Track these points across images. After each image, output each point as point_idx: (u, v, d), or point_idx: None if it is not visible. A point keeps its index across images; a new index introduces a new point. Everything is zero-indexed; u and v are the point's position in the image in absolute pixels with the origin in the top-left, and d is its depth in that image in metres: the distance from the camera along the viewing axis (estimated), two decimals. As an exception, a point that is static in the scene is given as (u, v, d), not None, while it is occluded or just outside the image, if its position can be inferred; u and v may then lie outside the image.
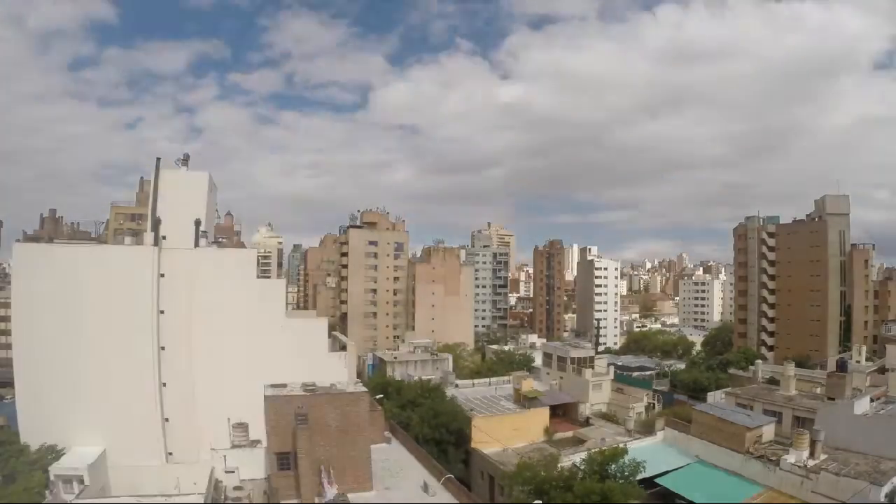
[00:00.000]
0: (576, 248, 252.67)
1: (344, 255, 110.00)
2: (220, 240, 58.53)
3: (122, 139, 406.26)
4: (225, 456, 26.99)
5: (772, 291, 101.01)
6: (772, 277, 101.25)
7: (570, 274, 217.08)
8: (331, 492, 21.48)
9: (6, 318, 44.41)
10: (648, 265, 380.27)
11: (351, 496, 22.02)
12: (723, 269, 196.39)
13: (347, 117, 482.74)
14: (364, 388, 26.61)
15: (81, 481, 31.47)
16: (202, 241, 40.92)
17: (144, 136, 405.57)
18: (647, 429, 49.00)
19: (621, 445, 36.69)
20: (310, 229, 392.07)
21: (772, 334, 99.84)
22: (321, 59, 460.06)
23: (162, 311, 37.54)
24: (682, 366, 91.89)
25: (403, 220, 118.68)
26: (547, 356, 68.33)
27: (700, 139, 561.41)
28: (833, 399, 43.32)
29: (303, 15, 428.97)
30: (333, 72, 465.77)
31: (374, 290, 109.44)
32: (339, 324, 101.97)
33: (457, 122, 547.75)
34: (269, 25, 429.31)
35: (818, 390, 47.02)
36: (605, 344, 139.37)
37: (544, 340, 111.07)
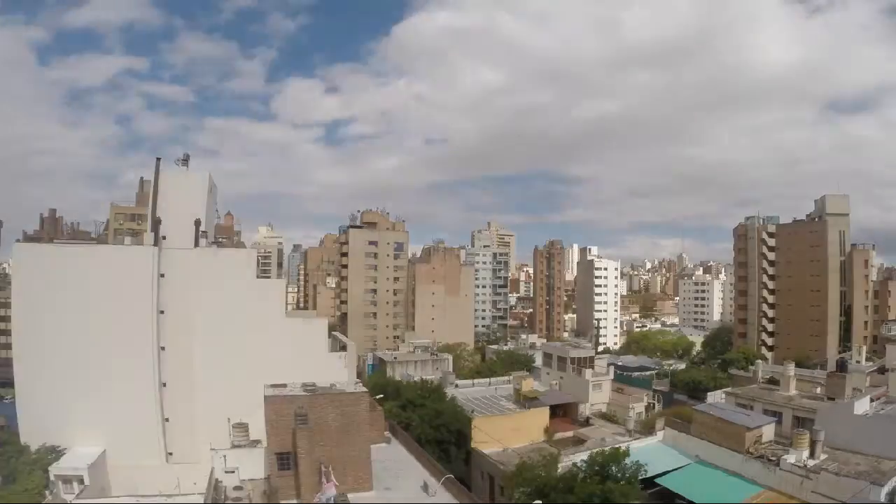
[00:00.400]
0: (576, 248, 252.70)
1: (344, 255, 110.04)
2: (220, 240, 58.48)
3: (80, 149, 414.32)
4: (225, 456, 26.95)
5: (772, 291, 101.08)
6: (772, 277, 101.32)
7: (571, 274, 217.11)
8: (330, 492, 21.48)
9: (6, 318, 44.49)
10: (648, 265, 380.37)
11: (351, 496, 22.01)
12: (723, 269, 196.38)
13: (266, 124, 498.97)
14: (364, 388, 26.60)
15: (81, 481, 31.50)
16: (202, 241, 40.90)
17: (100, 145, 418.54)
18: (647, 429, 48.99)
19: (622, 446, 36.68)
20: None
21: (772, 334, 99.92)
22: (223, 75, 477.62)
23: (162, 311, 37.53)
24: (682, 366, 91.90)
25: (403, 221, 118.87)
26: (547, 356, 68.32)
27: (622, 94, 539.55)
28: (833, 399, 43.31)
29: (199, 39, 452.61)
30: (239, 84, 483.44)
31: (374, 290, 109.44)
32: (339, 324, 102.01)
33: (356, 122, 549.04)
34: (171, 48, 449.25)
35: (818, 390, 47.01)
36: (605, 344, 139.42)
37: (544, 340, 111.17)
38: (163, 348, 37.45)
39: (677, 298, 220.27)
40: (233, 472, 26.15)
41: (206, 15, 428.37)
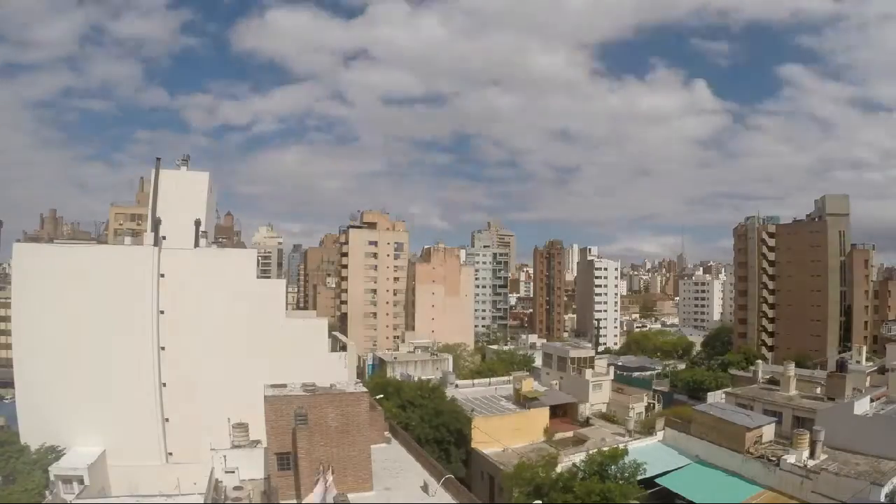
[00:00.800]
0: (576, 248, 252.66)
1: (344, 255, 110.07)
2: (220, 240, 58.58)
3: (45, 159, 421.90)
4: (225, 456, 26.94)
5: (772, 291, 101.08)
6: (772, 277, 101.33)
7: (571, 274, 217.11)
8: (330, 492, 21.49)
9: (6, 318, 44.50)
10: (648, 265, 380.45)
11: (351, 496, 21.95)
12: (723, 269, 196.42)
13: (185, 135, 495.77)
14: (364, 388, 26.56)
15: (81, 481, 31.53)
16: (202, 241, 40.96)
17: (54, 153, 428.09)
18: (647, 429, 49.02)
19: (621, 446, 36.70)
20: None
21: (772, 334, 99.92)
22: (137, 91, 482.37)
23: (162, 311, 37.56)
24: (682, 366, 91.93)
25: (403, 221, 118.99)
26: (547, 356, 68.33)
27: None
28: (833, 399, 43.30)
29: (115, 59, 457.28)
30: (151, 100, 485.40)
31: (374, 290, 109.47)
32: (338, 324, 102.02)
33: (259, 125, 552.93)
34: (93, 69, 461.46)
35: (818, 390, 46.99)
36: (605, 344, 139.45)
37: (544, 340, 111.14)
38: (163, 348, 37.47)
39: (677, 298, 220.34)
40: (233, 472, 26.14)
41: (113, 44, 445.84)
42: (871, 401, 42.53)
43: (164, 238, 38.81)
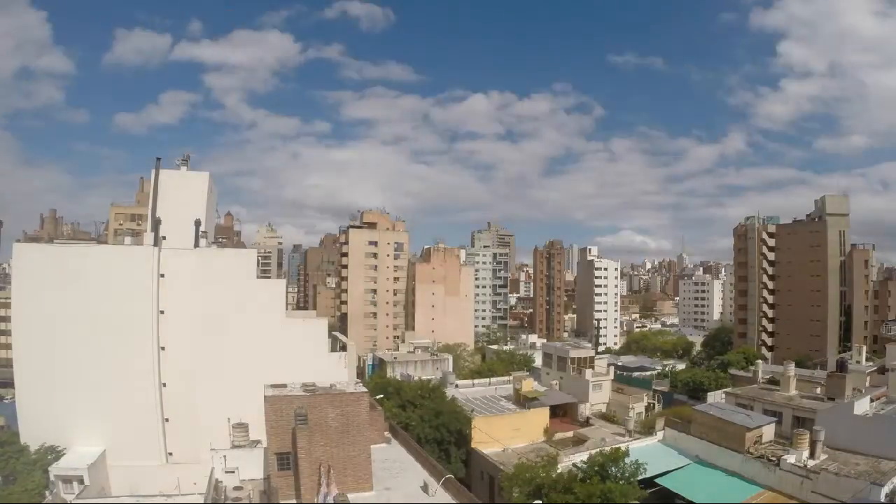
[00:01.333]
0: (576, 248, 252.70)
1: (344, 255, 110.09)
2: (220, 240, 58.60)
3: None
4: (225, 456, 26.95)
5: (772, 291, 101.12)
6: (772, 277, 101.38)
7: (571, 274, 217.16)
8: (330, 492, 21.50)
9: (6, 318, 44.52)
10: (648, 265, 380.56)
11: (351, 496, 21.97)
12: (723, 269, 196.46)
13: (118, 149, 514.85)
14: (364, 388, 26.57)
15: (81, 481, 31.55)
16: (202, 241, 40.95)
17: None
18: (647, 429, 49.03)
19: (622, 446, 36.69)
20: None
21: (772, 334, 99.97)
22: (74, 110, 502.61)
23: (162, 311, 37.56)
24: (682, 366, 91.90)
25: (403, 220, 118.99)
26: (547, 356, 68.33)
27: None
28: (833, 399, 43.32)
29: (46, 86, 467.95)
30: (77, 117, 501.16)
31: (374, 290, 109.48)
32: (338, 324, 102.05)
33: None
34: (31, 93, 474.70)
35: (818, 390, 47.02)
36: (605, 344, 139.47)
37: (544, 340, 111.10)
38: (163, 348, 37.47)
39: (677, 298, 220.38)
40: (233, 472, 26.17)
41: (41, 75, 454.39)
42: (871, 401, 42.54)
43: (164, 238, 38.81)
